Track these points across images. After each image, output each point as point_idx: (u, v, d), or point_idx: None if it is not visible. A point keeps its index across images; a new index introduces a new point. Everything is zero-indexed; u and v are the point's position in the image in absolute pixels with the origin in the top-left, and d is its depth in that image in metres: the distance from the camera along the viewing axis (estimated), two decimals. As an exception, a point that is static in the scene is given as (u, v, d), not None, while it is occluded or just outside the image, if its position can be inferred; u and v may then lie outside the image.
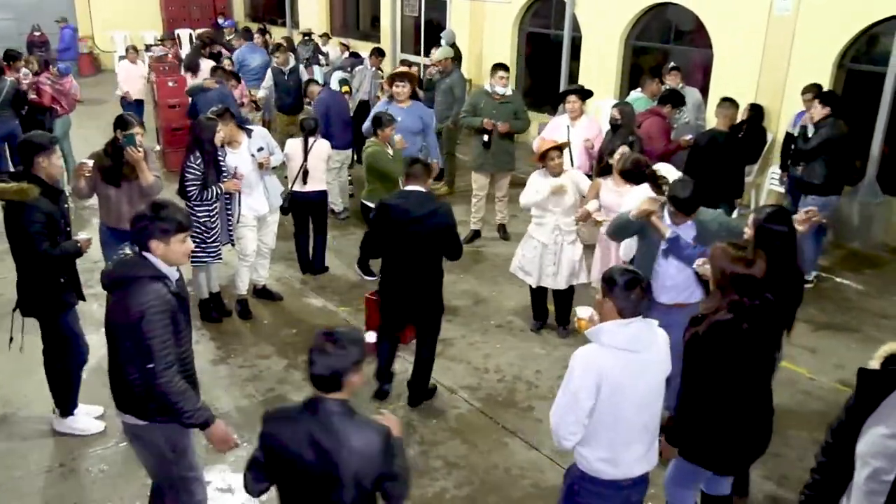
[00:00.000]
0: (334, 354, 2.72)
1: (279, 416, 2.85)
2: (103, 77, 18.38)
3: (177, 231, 3.31)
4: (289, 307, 6.85)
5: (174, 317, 3.28)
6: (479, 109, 8.00)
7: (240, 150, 6.32)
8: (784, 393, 5.56)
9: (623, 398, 3.09)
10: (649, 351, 3.14)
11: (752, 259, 3.44)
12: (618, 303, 3.08)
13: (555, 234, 5.97)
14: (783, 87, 8.98)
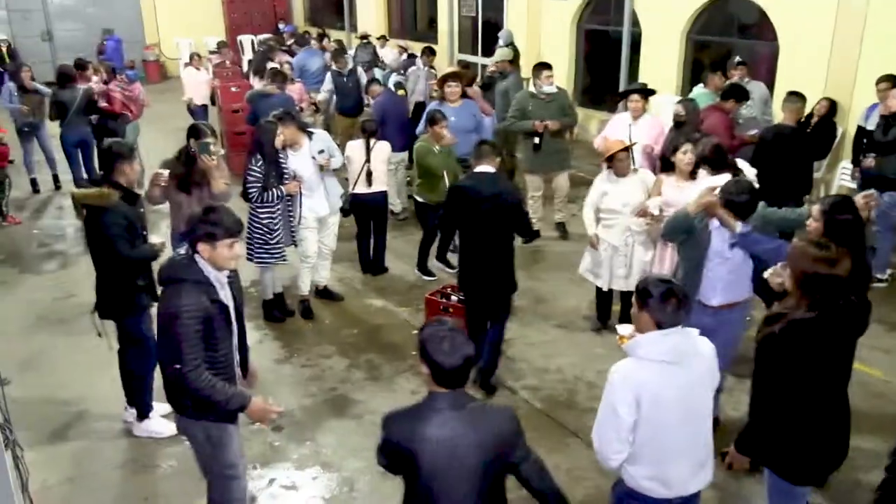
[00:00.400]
0: (464, 344, 2.68)
1: (403, 415, 2.74)
2: (170, 84, 18.89)
3: (224, 236, 3.41)
4: (350, 307, 6.93)
5: (210, 323, 3.37)
6: (527, 112, 7.94)
7: (301, 152, 6.42)
8: (856, 395, 5.34)
9: (665, 413, 2.97)
10: (691, 362, 3.02)
11: (835, 258, 3.27)
12: (654, 315, 2.97)
13: (625, 236, 5.91)
14: (853, 80, 8.67)
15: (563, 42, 12.84)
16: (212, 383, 3.37)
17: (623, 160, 5.82)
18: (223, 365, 3.51)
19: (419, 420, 2.66)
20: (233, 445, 3.68)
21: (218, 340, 3.44)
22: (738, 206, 4.34)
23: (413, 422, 2.67)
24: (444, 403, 2.67)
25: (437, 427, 2.64)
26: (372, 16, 17.92)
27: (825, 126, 8.33)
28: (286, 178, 6.15)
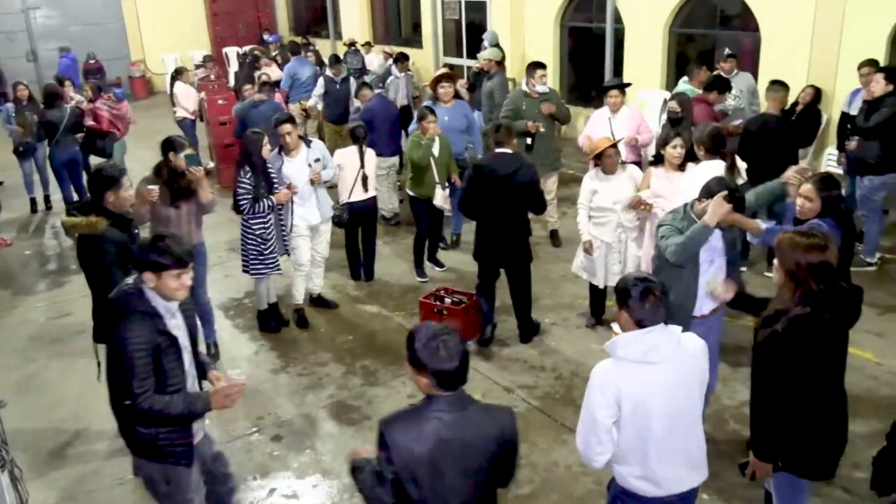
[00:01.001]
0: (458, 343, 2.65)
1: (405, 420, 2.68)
2: (156, 99, 18.90)
3: (172, 266, 3.25)
4: (344, 314, 6.94)
5: (158, 356, 3.23)
6: (520, 112, 7.95)
7: (298, 159, 6.43)
8: (851, 379, 5.38)
9: (648, 414, 2.92)
10: (675, 361, 2.95)
11: (825, 244, 3.28)
12: (633, 314, 2.93)
13: (618, 232, 5.93)
14: (836, 67, 8.73)
15: (548, 41, 12.88)
16: (164, 401, 3.24)
17: (611, 156, 5.85)
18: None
19: (424, 423, 2.62)
20: (189, 481, 3.53)
21: (168, 374, 3.29)
22: (740, 201, 4.24)
23: (418, 427, 2.62)
24: (446, 406, 2.64)
25: (445, 429, 2.61)
26: (356, 23, 17.93)
27: (810, 113, 8.39)
28: (276, 187, 6.15)
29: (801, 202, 4.21)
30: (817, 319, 3.23)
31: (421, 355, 2.61)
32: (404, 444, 2.60)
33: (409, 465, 2.59)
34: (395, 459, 2.60)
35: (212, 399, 3.35)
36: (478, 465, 2.68)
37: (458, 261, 7.92)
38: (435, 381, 2.62)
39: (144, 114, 15.83)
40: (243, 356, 6.29)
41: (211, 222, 9.22)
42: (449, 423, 2.62)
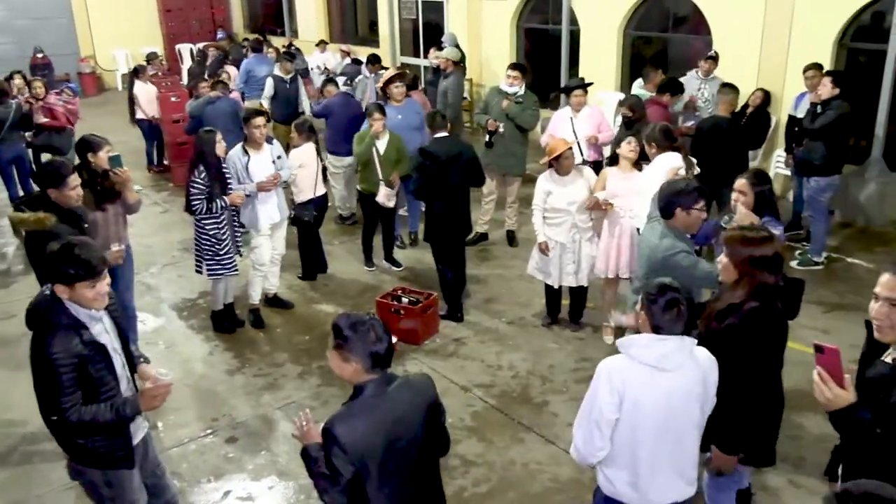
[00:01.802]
0: (382, 325, 2.78)
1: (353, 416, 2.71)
2: (108, 96, 18.52)
3: (85, 276, 3.07)
4: (301, 314, 6.89)
5: (85, 368, 3.10)
6: (489, 108, 7.99)
7: (263, 155, 6.37)
8: (798, 375, 5.52)
9: (645, 417, 2.93)
10: (681, 373, 2.95)
11: (770, 236, 3.38)
12: (653, 319, 2.95)
13: (572, 233, 5.97)
14: (784, 70, 8.95)
15: (504, 42, 12.96)
16: (92, 411, 3.14)
17: (568, 158, 5.90)
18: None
19: (366, 413, 2.70)
20: (131, 483, 3.48)
21: (98, 381, 3.17)
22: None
23: (361, 418, 2.69)
24: (376, 389, 2.73)
25: (384, 411, 2.71)
26: (312, 21, 17.81)
27: (760, 116, 8.56)
28: (230, 188, 6.07)
29: (736, 196, 4.34)
30: (771, 311, 3.32)
31: (353, 341, 2.70)
32: (356, 439, 2.65)
33: (364, 459, 2.65)
34: (352, 458, 2.63)
35: (140, 401, 3.25)
36: (417, 435, 2.79)
37: (415, 260, 7.92)
38: (370, 363, 2.70)
39: (95, 111, 15.50)
40: (197, 357, 6.20)
41: (163, 222, 9.13)
42: (384, 403, 2.72)
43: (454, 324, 6.56)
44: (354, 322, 2.74)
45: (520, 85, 7.86)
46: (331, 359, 2.78)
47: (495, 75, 12.30)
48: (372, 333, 2.71)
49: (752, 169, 4.61)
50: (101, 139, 5.37)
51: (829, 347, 2.46)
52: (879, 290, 2.53)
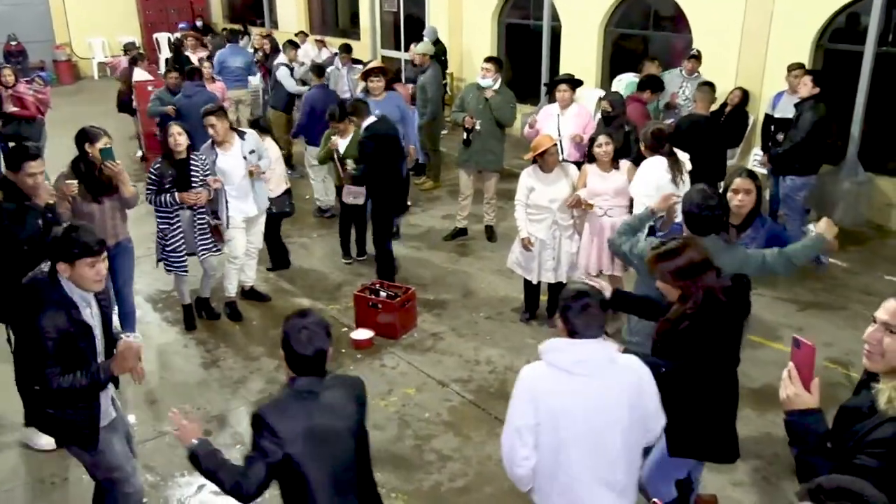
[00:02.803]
0: (322, 337, 2.82)
1: (283, 404, 2.82)
2: (83, 84, 18.27)
3: (83, 255, 3.26)
4: (277, 307, 6.83)
5: (70, 343, 3.27)
6: (465, 104, 7.95)
7: (232, 151, 6.26)
8: (773, 373, 5.59)
9: (565, 425, 2.83)
10: (603, 378, 2.85)
11: (683, 245, 3.38)
12: (567, 323, 2.89)
13: (552, 230, 5.97)
14: (762, 70, 9.02)
15: (485, 37, 12.93)
16: (69, 379, 3.30)
17: (553, 155, 5.90)
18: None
19: (298, 402, 2.78)
20: (109, 450, 3.61)
21: (78, 359, 3.32)
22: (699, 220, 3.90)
23: (294, 407, 2.77)
24: (310, 384, 2.81)
25: (317, 403, 2.79)
26: (293, 12, 17.66)
27: (738, 114, 8.64)
28: (195, 183, 5.89)
29: (742, 197, 4.21)
30: (715, 307, 3.35)
31: (287, 339, 2.79)
32: (287, 426, 2.72)
33: (296, 445, 2.72)
34: (282, 443, 2.71)
35: (112, 365, 3.38)
36: (350, 428, 2.88)
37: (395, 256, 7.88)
38: (294, 364, 2.80)
39: (70, 100, 15.31)
40: (172, 350, 6.14)
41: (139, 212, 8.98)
42: (314, 399, 2.80)
43: (433, 318, 6.55)
44: (296, 322, 2.80)
45: (494, 78, 7.80)
46: None
47: (475, 70, 12.27)
48: (304, 336, 2.76)
49: (744, 168, 4.58)
50: (99, 130, 5.28)
51: (806, 345, 2.41)
52: (880, 313, 2.39)
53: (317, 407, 2.80)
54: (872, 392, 2.36)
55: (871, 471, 2.20)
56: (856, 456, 2.28)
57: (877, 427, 2.28)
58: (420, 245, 8.19)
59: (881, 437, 2.25)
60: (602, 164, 5.80)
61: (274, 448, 2.70)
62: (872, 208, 8.42)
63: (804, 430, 2.38)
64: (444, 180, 10.08)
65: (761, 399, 5.16)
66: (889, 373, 2.34)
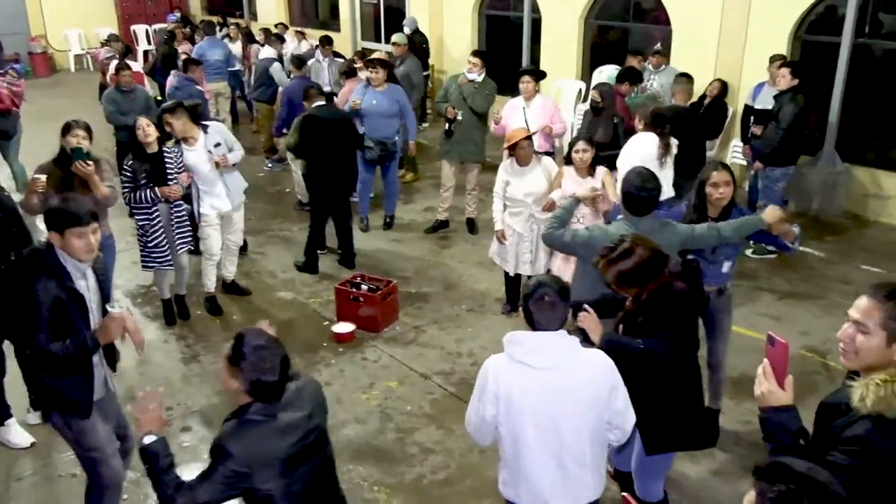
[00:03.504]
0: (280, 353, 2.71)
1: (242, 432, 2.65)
2: (60, 77, 18.04)
3: (71, 224, 3.36)
4: (258, 301, 6.80)
5: (61, 309, 3.38)
6: (449, 95, 7.94)
7: (196, 146, 6.19)
8: (750, 361, 5.63)
9: (523, 417, 2.86)
10: (563, 372, 2.86)
11: (630, 247, 3.37)
12: (528, 315, 2.91)
13: (530, 224, 5.97)
14: (741, 61, 9.07)
15: (466, 29, 12.91)
16: (58, 346, 3.37)
17: (524, 148, 5.89)
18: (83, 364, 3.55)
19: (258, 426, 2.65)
20: (92, 430, 3.67)
21: (70, 329, 3.41)
22: (637, 201, 4.01)
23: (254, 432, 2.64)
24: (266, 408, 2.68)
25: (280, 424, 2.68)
26: (272, 4, 17.54)
27: (717, 106, 8.68)
28: (171, 178, 5.82)
29: (723, 190, 4.23)
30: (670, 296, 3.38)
31: (246, 362, 2.62)
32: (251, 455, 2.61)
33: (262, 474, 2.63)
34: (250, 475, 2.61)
35: (99, 334, 3.45)
36: (314, 442, 2.81)
37: (376, 248, 7.89)
38: (251, 390, 2.64)
39: (46, 92, 15.14)
40: (152, 345, 6.07)
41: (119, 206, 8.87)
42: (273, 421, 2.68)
43: (414, 311, 6.55)
44: (257, 344, 2.65)
45: (479, 72, 7.82)
46: (222, 367, 2.71)
47: (456, 61, 12.27)
48: (268, 362, 2.63)
49: (718, 161, 4.61)
50: (72, 122, 5.23)
51: (780, 342, 2.40)
52: (852, 311, 2.39)
53: (278, 429, 2.67)
54: (850, 389, 2.36)
55: (844, 468, 2.21)
56: (829, 453, 2.30)
57: (850, 424, 2.30)
58: (401, 238, 8.19)
59: (853, 434, 2.27)
60: (579, 170, 5.78)
61: (236, 479, 2.61)
62: (850, 198, 8.51)
63: (778, 426, 2.40)
64: (424, 172, 10.07)
65: (739, 388, 5.21)
66: (867, 370, 2.35)
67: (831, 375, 5.45)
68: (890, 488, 2.26)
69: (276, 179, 10.11)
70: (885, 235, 8.07)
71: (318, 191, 7.15)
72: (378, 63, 7.97)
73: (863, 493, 2.20)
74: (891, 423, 2.22)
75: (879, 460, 2.21)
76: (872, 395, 2.24)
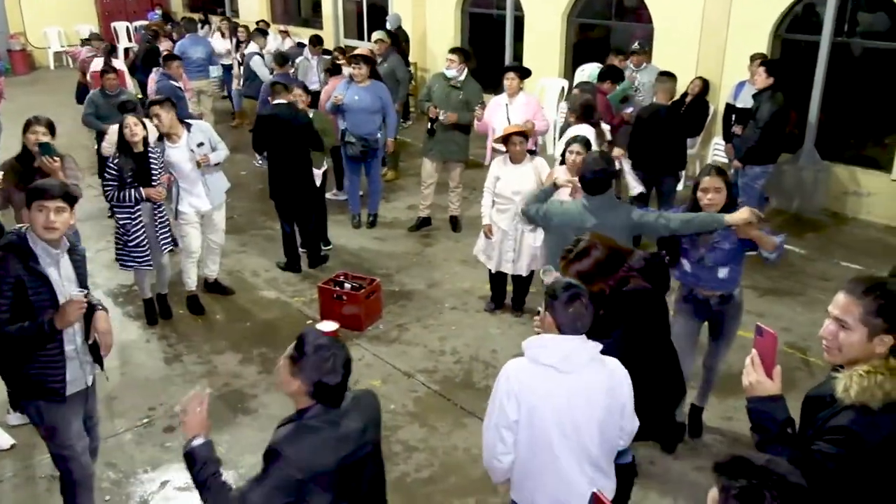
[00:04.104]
0: (343, 355, 2.64)
1: (299, 437, 2.56)
2: (39, 75, 17.84)
3: (34, 198, 3.43)
4: (241, 301, 6.77)
5: (22, 294, 3.37)
6: (431, 93, 7.92)
7: (179, 144, 6.15)
8: (734, 358, 5.69)
9: (541, 420, 2.84)
10: (582, 375, 2.86)
11: (587, 248, 3.46)
12: (557, 317, 2.88)
13: (515, 222, 5.98)
14: (722, 60, 9.13)
15: (449, 26, 12.90)
16: (20, 328, 3.38)
17: (516, 145, 5.91)
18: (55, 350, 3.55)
19: (316, 433, 2.56)
20: (64, 426, 3.70)
21: (35, 309, 3.40)
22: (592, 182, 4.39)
23: (311, 437, 2.55)
24: (325, 412, 2.61)
25: (337, 433, 2.60)
26: (254, 1, 17.44)
27: (698, 104, 8.74)
28: (155, 178, 5.79)
29: (712, 195, 4.22)
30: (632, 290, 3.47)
31: (307, 360, 2.55)
32: (307, 462, 2.52)
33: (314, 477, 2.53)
34: (304, 483, 2.52)
35: (56, 319, 3.42)
36: (370, 454, 2.73)
37: (359, 246, 7.88)
38: (313, 391, 2.56)
39: (26, 90, 14.96)
40: (134, 345, 6.05)
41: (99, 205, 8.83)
42: (331, 427, 2.59)
43: (398, 309, 6.54)
44: (320, 344, 2.58)
45: (459, 69, 7.79)
46: (281, 367, 2.63)
47: (438, 59, 12.25)
48: (330, 363, 2.55)
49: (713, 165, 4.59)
50: (32, 119, 5.18)
51: (769, 332, 2.42)
52: (831, 308, 2.43)
53: (336, 438, 2.58)
54: (833, 381, 2.40)
55: (830, 457, 2.26)
56: (814, 442, 2.33)
57: (835, 414, 2.33)
58: (384, 235, 8.17)
59: (838, 424, 2.31)
60: (570, 171, 5.77)
61: (290, 486, 2.49)
62: (829, 196, 8.59)
63: (766, 416, 2.42)
64: (406, 170, 10.06)
65: (723, 384, 5.24)
66: (850, 364, 2.38)
67: (812, 371, 5.51)
68: (875, 477, 2.30)
69: (260, 177, 10.05)
70: (864, 232, 8.16)
71: (274, 190, 7.07)
72: (361, 59, 7.95)
73: (849, 481, 2.26)
74: (874, 413, 2.26)
75: (864, 449, 2.25)
76: (856, 386, 2.28)
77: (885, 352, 2.32)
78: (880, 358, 2.32)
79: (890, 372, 2.28)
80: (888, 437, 2.25)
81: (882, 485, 2.33)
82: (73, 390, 3.68)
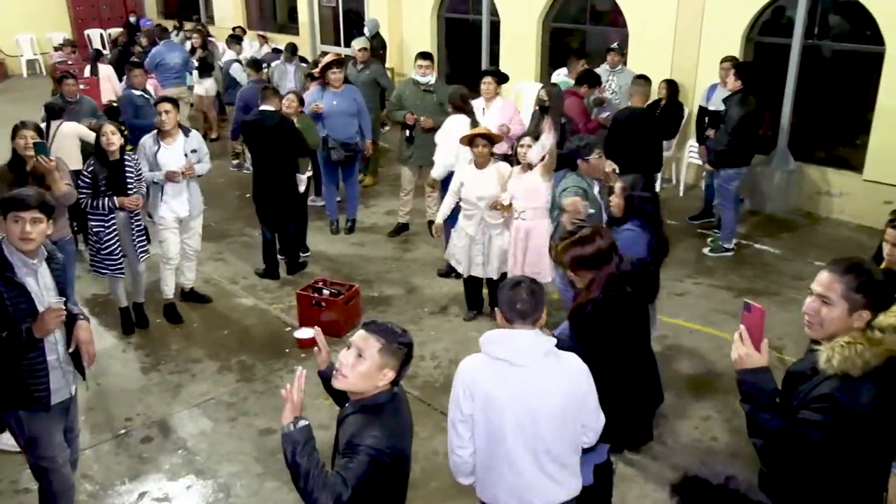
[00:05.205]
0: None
1: (382, 425, 2.70)
2: (11, 83, 17.64)
3: (9, 208, 3.41)
4: (219, 308, 6.73)
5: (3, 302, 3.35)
6: (403, 100, 7.91)
7: (174, 146, 6.14)
8: (712, 358, 5.76)
9: (497, 414, 2.87)
10: (537, 369, 2.87)
11: (591, 235, 3.52)
12: (504, 312, 2.93)
13: (481, 227, 5.99)
14: (696, 62, 9.22)
15: (425, 31, 12.92)
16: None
17: (479, 147, 5.91)
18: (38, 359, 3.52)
19: (393, 417, 2.76)
20: (46, 438, 3.68)
21: (12, 319, 3.38)
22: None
23: (390, 424, 2.72)
24: (393, 399, 2.79)
25: (403, 420, 2.85)
26: (229, 7, 17.36)
27: (673, 107, 8.80)
28: (130, 184, 5.75)
29: (613, 198, 4.56)
30: (619, 297, 3.50)
31: (409, 357, 2.82)
32: (389, 444, 2.66)
33: (396, 454, 2.71)
34: (389, 458, 2.66)
35: (34, 327, 3.40)
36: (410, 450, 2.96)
37: (338, 252, 7.86)
38: (397, 379, 2.79)
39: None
40: (111, 354, 5.98)
41: (73, 214, 8.72)
42: (400, 415, 2.80)
43: (377, 315, 6.52)
44: (411, 341, 2.83)
45: (428, 73, 7.85)
46: (364, 348, 2.70)
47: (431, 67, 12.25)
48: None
49: (631, 176, 4.73)
50: (20, 124, 5.25)
51: (756, 307, 2.52)
52: (814, 285, 2.55)
53: (402, 426, 2.83)
54: (814, 354, 2.54)
55: (816, 424, 2.41)
56: (800, 412, 2.47)
57: (818, 385, 2.47)
58: (363, 241, 8.16)
59: (821, 393, 2.45)
60: (523, 167, 5.81)
61: (381, 467, 2.63)
62: (803, 196, 8.70)
63: (755, 387, 2.54)
64: (384, 176, 10.05)
65: (699, 385, 5.30)
66: (830, 338, 2.52)
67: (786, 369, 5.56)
68: (858, 444, 2.44)
69: (237, 184, 10.00)
70: (837, 232, 8.26)
71: (258, 195, 7.07)
72: (337, 64, 8.00)
73: (835, 449, 2.40)
74: (855, 381, 2.41)
75: (847, 416, 2.39)
76: (838, 356, 2.43)
77: (863, 326, 2.47)
78: (858, 331, 2.47)
79: (868, 342, 2.43)
80: (869, 404, 2.39)
81: (865, 452, 2.47)
82: (57, 399, 3.66)
